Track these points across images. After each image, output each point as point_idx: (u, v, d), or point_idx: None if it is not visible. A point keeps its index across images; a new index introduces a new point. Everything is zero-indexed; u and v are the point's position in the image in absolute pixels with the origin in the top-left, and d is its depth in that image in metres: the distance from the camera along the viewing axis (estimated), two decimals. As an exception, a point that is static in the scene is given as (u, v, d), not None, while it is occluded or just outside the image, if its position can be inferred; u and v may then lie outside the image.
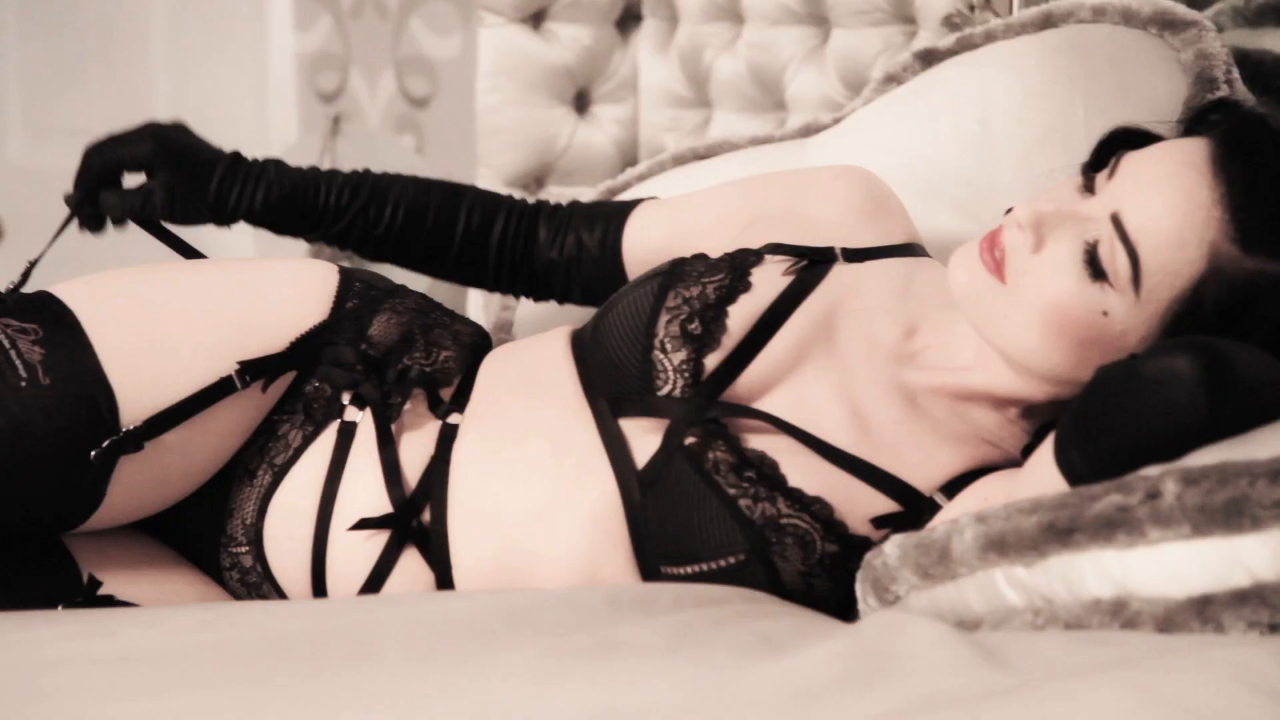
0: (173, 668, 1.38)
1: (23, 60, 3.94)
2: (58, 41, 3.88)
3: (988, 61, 2.20)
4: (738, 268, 1.76)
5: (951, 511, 1.66)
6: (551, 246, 1.99)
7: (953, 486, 1.70)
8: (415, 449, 1.78)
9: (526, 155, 2.78)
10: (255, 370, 1.79)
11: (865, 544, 1.66)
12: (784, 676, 1.33)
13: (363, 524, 1.74)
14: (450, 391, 1.83)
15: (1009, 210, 1.67)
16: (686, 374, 1.72)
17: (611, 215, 1.98)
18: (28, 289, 1.87)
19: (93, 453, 1.71)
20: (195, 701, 1.31)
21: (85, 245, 1.98)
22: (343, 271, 1.89)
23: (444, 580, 1.74)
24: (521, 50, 2.76)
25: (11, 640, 1.48)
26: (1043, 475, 1.54)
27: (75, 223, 1.94)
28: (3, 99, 3.99)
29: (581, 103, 2.80)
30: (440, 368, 1.83)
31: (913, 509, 1.68)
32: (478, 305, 2.77)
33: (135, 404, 1.73)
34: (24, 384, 1.70)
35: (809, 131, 2.39)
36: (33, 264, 1.91)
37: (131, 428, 1.72)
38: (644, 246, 1.95)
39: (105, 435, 1.72)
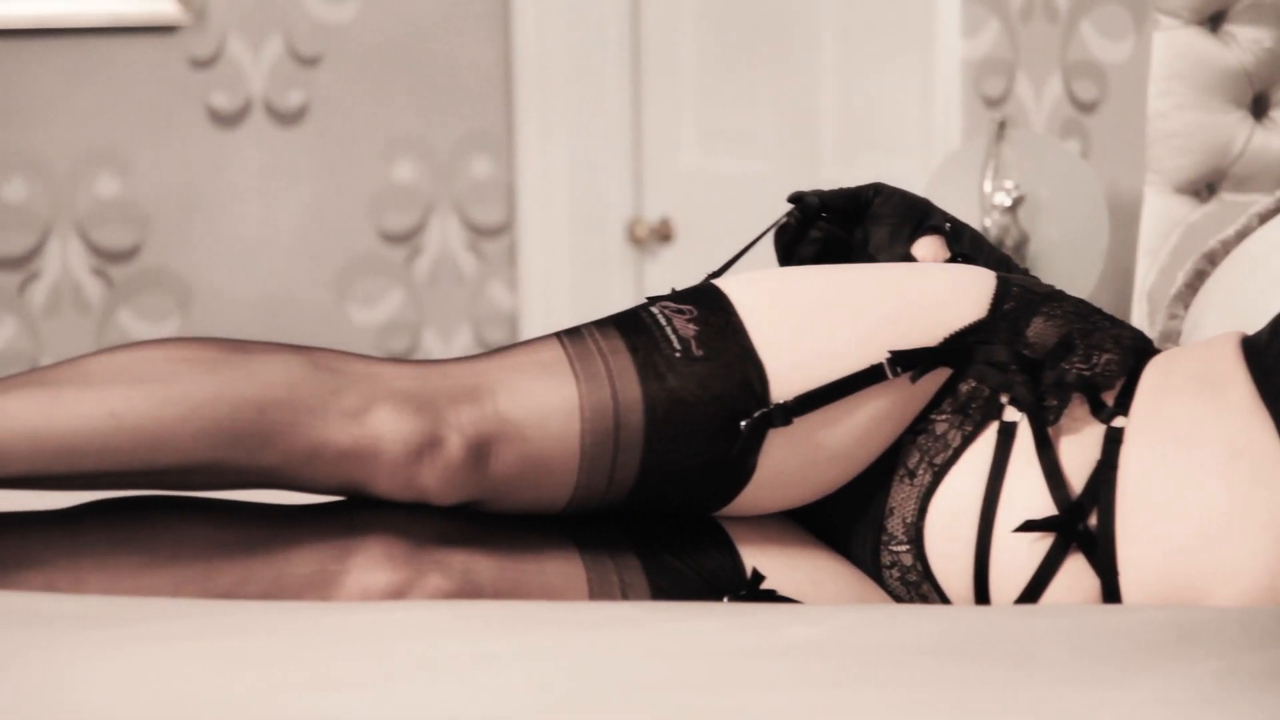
0: (834, 665, 1.40)
1: (698, 66, 4.06)
2: (731, 48, 3.99)
3: None
4: None
5: None
6: None
7: None
8: (1076, 452, 1.75)
9: (1197, 161, 2.70)
10: (906, 361, 1.79)
11: None
12: None
13: (1028, 526, 1.72)
14: (1113, 395, 1.78)
15: None
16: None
17: None
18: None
19: (743, 422, 1.75)
20: (854, 698, 1.32)
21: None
22: (1000, 275, 1.88)
23: (1109, 586, 1.70)
24: (1197, 53, 2.68)
25: (678, 629, 1.52)
26: None
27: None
28: (678, 104, 4.12)
29: (1259, 107, 2.70)
30: (1101, 371, 1.80)
31: None
32: (1142, 313, 2.71)
33: (786, 382, 1.77)
34: (678, 355, 1.76)
35: None
36: (732, 260, 1.97)
37: (782, 402, 1.76)
38: None
39: (756, 408, 1.76)
